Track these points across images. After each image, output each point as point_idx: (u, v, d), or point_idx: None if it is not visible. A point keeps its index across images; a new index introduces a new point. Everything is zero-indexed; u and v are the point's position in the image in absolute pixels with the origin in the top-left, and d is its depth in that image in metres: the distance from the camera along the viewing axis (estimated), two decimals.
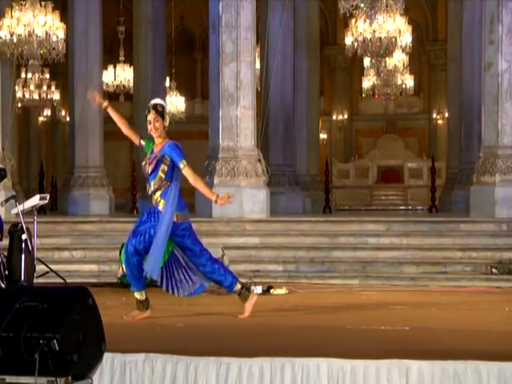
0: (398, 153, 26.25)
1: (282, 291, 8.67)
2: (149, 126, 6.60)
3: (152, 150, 6.63)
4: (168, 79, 21.00)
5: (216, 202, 6.82)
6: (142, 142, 6.69)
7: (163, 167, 6.54)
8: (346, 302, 8.03)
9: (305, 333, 6.00)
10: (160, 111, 6.59)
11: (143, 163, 6.68)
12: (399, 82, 20.62)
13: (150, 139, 6.69)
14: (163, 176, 6.55)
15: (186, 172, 6.61)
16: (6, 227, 8.97)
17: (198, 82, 27.44)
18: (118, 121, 6.76)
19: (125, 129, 6.75)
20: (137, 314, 6.57)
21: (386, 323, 6.36)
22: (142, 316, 6.55)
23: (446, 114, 21.29)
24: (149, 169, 6.57)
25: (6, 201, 9.16)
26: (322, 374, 4.75)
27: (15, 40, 13.82)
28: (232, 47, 12.04)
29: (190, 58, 27.29)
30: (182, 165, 6.56)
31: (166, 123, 6.62)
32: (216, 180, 11.97)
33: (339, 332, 6.02)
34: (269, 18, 14.80)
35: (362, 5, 14.41)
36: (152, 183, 6.58)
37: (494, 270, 9.90)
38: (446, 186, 16.22)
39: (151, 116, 6.59)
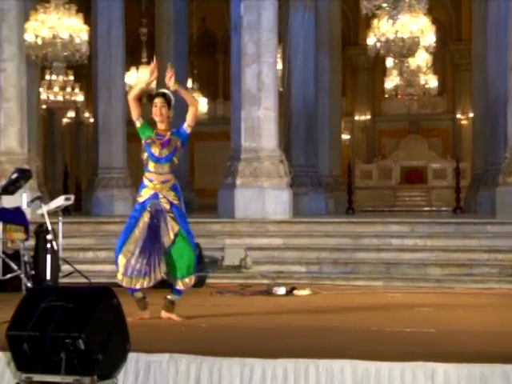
0: (422, 153, 26.11)
1: (305, 292, 8.64)
2: (154, 109, 6.52)
3: (157, 133, 6.51)
4: (190, 80, 21.07)
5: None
6: (140, 121, 6.53)
7: (178, 155, 6.53)
8: (370, 303, 7.98)
9: (329, 334, 5.97)
10: (168, 100, 6.54)
11: (148, 140, 6.47)
12: (422, 82, 20.54)
13: (148, 124, 6.58)
14: (176, 163, 6.53)
15: (189, 116, 6.53)
16: (31, 228, 9.05)
17: (220, 83, 27.49)
18: (141, 85, 6.63)
19: (134, 95, 6.54)
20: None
21: (411, 325, 6.31)
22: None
23: (471, 114, 21.17)
24: (162, 150, 6.45)
25: (32, 201, 9.23)
26: (347, 375, 4.72)
27: (40, 42, 13.94)
28: (254, 48, 12.04)
29: (211, 59, 27.36)
30: (188, 127, 6.53)
31: (171, 115, 6.57)
32: (238, 181, 11.98)
33: (363, 334, 5.98)
34: (290, 19, 14.79)
35: (385, 5, 14.36)
36: (165, 165, 6.45)
37: None
38: (471, 187, 16.11)
39: (158, 100, 6.51)
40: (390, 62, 20.16)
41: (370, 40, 15.45)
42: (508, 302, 8.12)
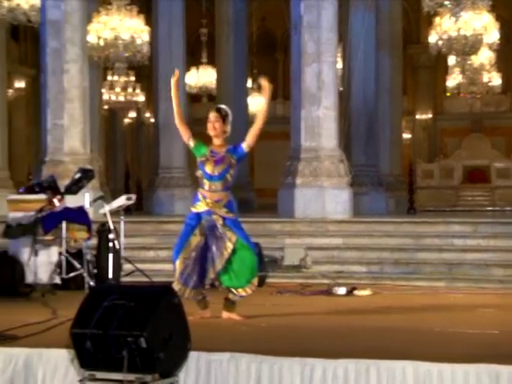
0: (485, 152, 25.65)
1: (365, 292, 8.58)
2: (208, 125, 6.52)
3: (211, 150, 6.51)
4: (250, 80, 21.13)
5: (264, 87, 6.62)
6: (193, 141, 6.54)
7: (231, 172, 6.51)
8: (432, 304, 7.88)
9: (390, 335, 5.92)
10: (223, 114, 6.55)
11: (202, 159, 6.48)
12: (486, 80, 20.17)
13: (202, 142, 6.58)
14: (230, 180, 6.51)
15: (251, 135, 6.54)
16: (94, 227, 9.20)
17: (280, 82, 27.48)
18: (176, 106, 6.61)
19: (178, 119, 6.59)
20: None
21: (474, 326, 6.22)
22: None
23: None
24: (215, 168, 6.45)
25: (94, 201, 9.38)
26: (408, 377, 4.67)
27: (102, 44, 14.14)
28: (314, 47, 12.00)
29: (271, 58, 27.40)
30: (247, 146, 6.53)
31: (227, 130, 6.55)
32: (298, 180, 11.96)
33: (425, 334, 5.91)
34: (351, 18, 14.70)
35: (447, 2, 14.16)
36: (218, 183, 6.45)
37: None
38: None
39: (213, 115, 6.54)
40: (452, 60, 19.87)
41: (432, 38, 15.25)
42: None
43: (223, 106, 6.70)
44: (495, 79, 20.70)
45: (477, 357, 4.76)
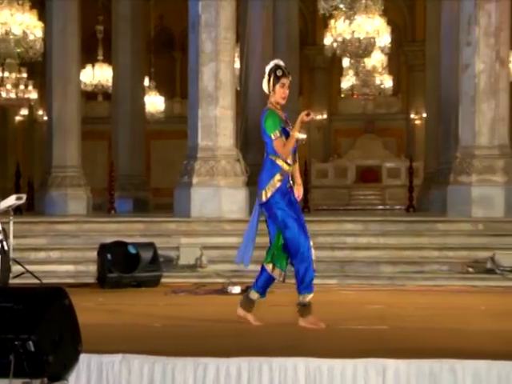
0: (377, 153, 26.37)
1: None
2: (280, 90, 6.01)
3: (285, 121, 6.03)
4: (147, 78, 20.98)
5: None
6: (278, 132, 6.02)
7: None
8: (323, 301, 7.98)
9: (282, 332, 6.01)
10: None
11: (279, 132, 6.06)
12: (378, 82, 20.76)
13: (272, 112, 6.08)
14: None
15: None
16: None
17: (178, 81, 27.40)
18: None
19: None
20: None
21: (364, 322, 6.39)
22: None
23: (424, 115, 21.42)
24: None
25: None
26: (300, 373, 4.76)
27: None
28: (211, 47, 12.03)
29: (169, 57, 27.26)
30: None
31: None
32: (195, 180, 11.96)
33: (316, 331, 6.03)
34: (248, 18, 14.82)
35: (342, 5, 14.49)
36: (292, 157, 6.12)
37: (470, 270, 9.98)
38: (424, 186, 16.31)
39: (287, 81, 6.01)
40: (346, 62, 20.34)
41: (327, 40, 15.59)
42: (457, 299, 8.25)
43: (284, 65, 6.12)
44: (387, 81, 21.35)
45: (365, 351, 4.89)
